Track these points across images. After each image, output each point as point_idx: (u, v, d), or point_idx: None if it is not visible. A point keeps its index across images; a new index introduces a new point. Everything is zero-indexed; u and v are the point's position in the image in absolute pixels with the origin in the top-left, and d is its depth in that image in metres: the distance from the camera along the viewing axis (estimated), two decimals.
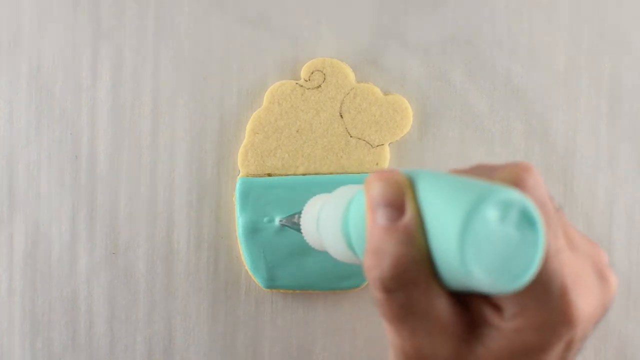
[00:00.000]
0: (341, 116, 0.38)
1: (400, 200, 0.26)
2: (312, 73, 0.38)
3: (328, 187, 0.38)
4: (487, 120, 0.39)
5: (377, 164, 0.38)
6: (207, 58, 0.39)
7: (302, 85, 0.38)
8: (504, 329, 0.26)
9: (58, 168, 0.39)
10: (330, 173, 0.38)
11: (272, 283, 0.38)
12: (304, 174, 0.38)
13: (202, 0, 0.39)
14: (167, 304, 0.40)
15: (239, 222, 0.38)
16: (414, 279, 0.25)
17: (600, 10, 0.39)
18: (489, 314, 0.27)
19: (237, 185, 0.38)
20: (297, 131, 0.38)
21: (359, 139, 0.38)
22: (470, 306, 0.27)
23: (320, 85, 0.38)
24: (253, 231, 0.38)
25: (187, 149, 0.39)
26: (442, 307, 0.26)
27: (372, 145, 0.38)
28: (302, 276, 0.38)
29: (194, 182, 0.39)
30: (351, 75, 0.38)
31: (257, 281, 0.38)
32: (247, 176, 0.38)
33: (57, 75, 0.39)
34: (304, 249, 0.38)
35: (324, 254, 0.38)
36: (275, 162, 0.38)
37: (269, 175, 0.38)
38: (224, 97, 0.39)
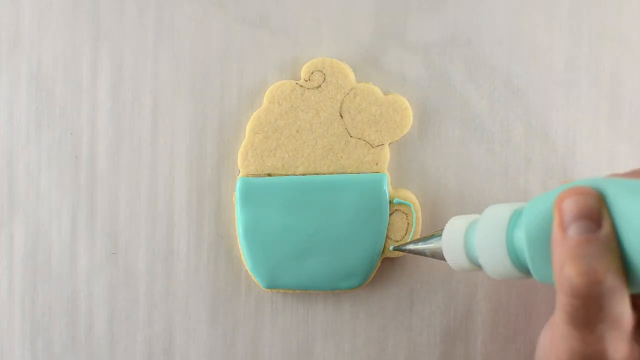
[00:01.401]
0: (341, 116, 0.38)
1: (597, 212, 0.27)
2: (312, 73, 0.38)
3: (328, 188, 0.38)
4: (487, 120, 0.39)
5: (377, 164, 0.38)
6: (207, 58, 0.39)
7: (302, 85, 0.38)
8: None
9: (58, 168, 0.39)
10: (330, 173, 0.38)
11: (272, 283, 0.38)
12: (303, 174, 0.38)
13: (202, 0, 0.39)
14: (167, 304, 0.40)
15: (239, 222, 0.38)
16: (613, 288, 0.26)
17: (600, 10, 0.39)
18: None
19: (237, 185, 0.38)
20: (297, 131, 0.38)
21: (359, 139, 0.38)
22: (638, 305, 0.28)
23: (320, 85, 0.38)
24: (253, 231, 0.38)
25: (187, 149, 0.39)
26: (628, 313, 0.27)
27: (372, 145, 0.38)
28: (302, 276, 0.38)
29: (194, 182, 0.39)
30: (351, 75, 0.38)
31: (257, 281, 0.38)
32: (247, 176, 0.38)
33: (57, 75, 0.39)
34: (304, 249, 0.38)
35: (324, 254, 0.38)
36: (275, 162, 0.38)
37: (269, 175, 0.38)
38: (224, 97, 0.39)
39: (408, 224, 0.38)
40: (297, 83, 0.38)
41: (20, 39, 0.39)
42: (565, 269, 0.27)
